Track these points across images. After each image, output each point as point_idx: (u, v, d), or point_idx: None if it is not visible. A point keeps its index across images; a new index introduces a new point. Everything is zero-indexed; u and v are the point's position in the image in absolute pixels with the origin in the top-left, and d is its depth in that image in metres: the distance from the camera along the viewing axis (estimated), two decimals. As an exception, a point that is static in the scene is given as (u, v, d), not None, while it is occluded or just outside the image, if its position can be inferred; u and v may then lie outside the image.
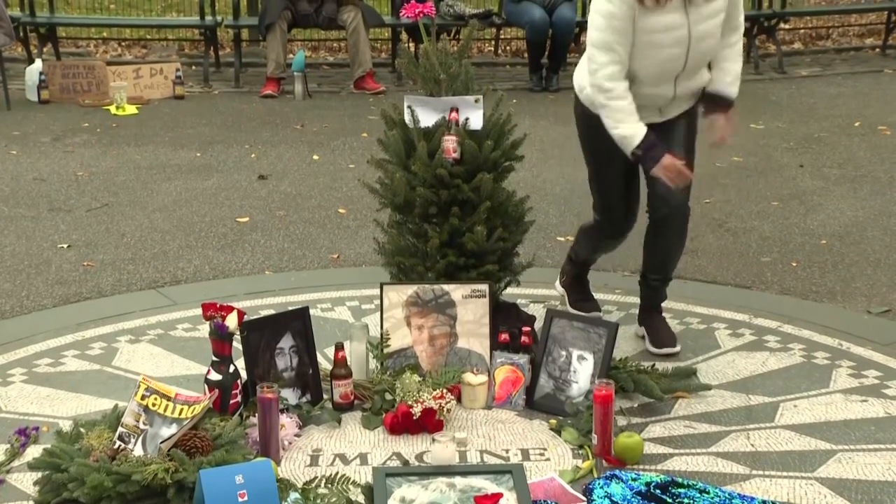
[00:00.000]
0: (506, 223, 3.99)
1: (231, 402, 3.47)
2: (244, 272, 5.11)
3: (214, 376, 3.47)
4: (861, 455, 3.40)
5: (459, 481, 3.13)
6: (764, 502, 3.10)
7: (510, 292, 4.19)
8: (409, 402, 3.51)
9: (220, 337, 3.48)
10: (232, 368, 3.50)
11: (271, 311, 4.14)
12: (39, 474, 3.17)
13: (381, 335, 3.83)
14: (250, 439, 3.33)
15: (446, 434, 3.40)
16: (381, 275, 4.14)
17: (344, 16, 9.13)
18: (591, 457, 3.34)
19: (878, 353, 4.14)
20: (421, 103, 3.93)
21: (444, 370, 3.74)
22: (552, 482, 3.19)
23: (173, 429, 3.18)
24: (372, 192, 4.08)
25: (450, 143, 3.84)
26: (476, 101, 3.90)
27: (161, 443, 3.14)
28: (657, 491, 3.11)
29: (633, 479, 3.17)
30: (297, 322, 3.73)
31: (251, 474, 2.96)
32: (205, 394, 3.39)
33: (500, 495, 3.03)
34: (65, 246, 5.44)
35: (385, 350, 3.80)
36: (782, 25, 10.92)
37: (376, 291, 3.93)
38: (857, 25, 12.33)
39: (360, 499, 3.10)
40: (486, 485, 3.12)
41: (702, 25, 3.78)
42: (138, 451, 3.17)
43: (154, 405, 3.23)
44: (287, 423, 3.45)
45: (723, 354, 4.14)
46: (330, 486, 3.16)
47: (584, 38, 10.05)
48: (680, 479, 3.19)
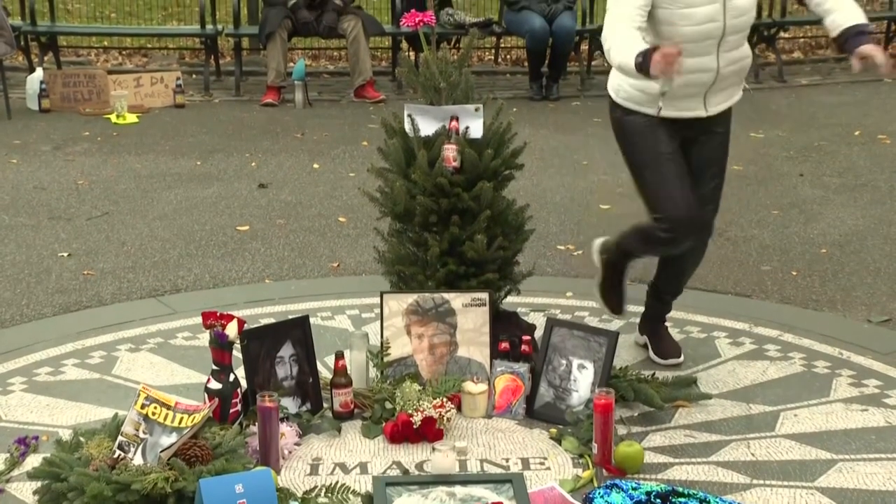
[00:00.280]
0: (506, 232, 3.99)
1: (231, 410, 3.47)
2: (244, 281, 5.11)
3: (214, 385, 3.47)
4: (862, 465, 3.39)
5: (459, 490, 3.13)
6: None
7: (510, 301, 4.19)
8: (409, 411, 3.50)
9: (220, 346, 3.48)
10: (232, 377, 3.50)
11: (271, 320, 4.14)
12: (39, 483, 3.17)
13: (382, 344, 3.82)
14: (250, 448, 3.33)
15: (446, 443, 3.39)
16: (381, 283, 4.13)
17: (344, 24, 9.14)
18: (591, 466, 3.34)
19: (879, 362, 4.14)
20: (421, 112, 3.93)
21: (444, 379, 3.74)
22: (552, 491, 3.19)
23: (173, 438, 3.17)
24: (372, 201, 4.08)
25: (450, 152, 3.84)
26: (476, 109, 3.90)
27: (161, 452, 3.14)
28: (658, 500, 3.11)
29: (634, 489, 3.17)
30: (298, 331, 3.73)
31: (251, 483, 2.96)
32: (205, 403, 3.39)
33: (500, 504, 3.03)
34: (65, 255, 5.44)
35: (385, 359, 3.80)
36: (782, 34, 10.92)
37: (376, 300, 3.92)
38: (857, 35, 12.33)
39: (360, 508, 3.09)
40: (487, 494, 3.12)
41: None
42: (138, 460, 3.17)
43: (154, 414, 3.23)
44: (287, 432, 3.45)
45: (723, 363, 4.14)
46: (330, 495, 3.16)
47: (584, 47, 10.18)
48: (680, 489, 3.19)
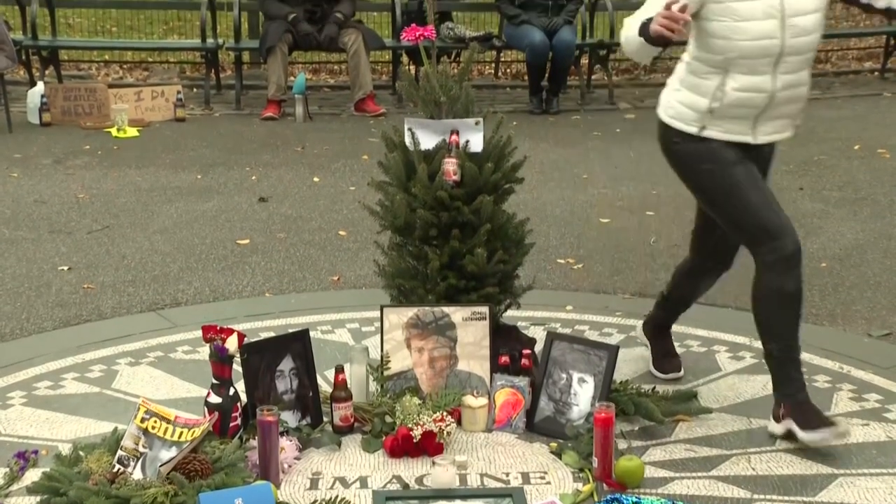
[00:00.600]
0: (506, 246, 3.99)
1: (231, 424, 3.46)
2: (244, 294, 5.11)
3: (214, 399, 3.46)
4: (863, 479, 3.39)
5: (460, 505, 3.12)
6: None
7: (510, 315, 4.18)
8: (410, 425, 3.50)
9: (220, 359, 3.47)
10: (232, 391, 3.49)
11: (271, 334, 4.14)
12: (38, 498, 3.16)
13: (382, 357, 3.82)
14: (250, 462, 3.32)
15: (446, 457, 3.39)
16: (381, 297, 4.13)
17: (345, 38, 9.17)
18: (591, 480, 3.33)
19: (879, 376, 4.13)
20: (421, 126, 3.93)
21: (444, 393, 3.73)
22: (553, 506, 3.18)
23: (173, 452, 3.17)
24: (372, 215, 4.08)
25: (450, 166, 3.84)
26: (476, 123, 3.91)
27: (160, 466, 3.13)
28: (658, 515, 3.10)
29: (634, 503, 3.16)
30: (298, 344, 3.73)
31: (251, 498, 2.96)
32: (204, 417, 3.38)
33: (500, 519, 3.02)
34: (65, 268, 5.44)
35: (385, 372, 3.80)
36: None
37: (376, 314, 3.92)
38: (856, 49, 12.37)
39: (360, 522, 3.09)
40: (487, 508, 3.11)
41: (795, 0, 3.48)
42: (137, 474, 3.16)
43: (154, 428, 3.22)
44: (287, 446, 3.44)
45: (723, 377, 4.14)
46: (330, 509, 3.15)
47: (584, 61, 10.20)
48: (681, 503, 3.18)
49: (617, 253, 5.64)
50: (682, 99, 3.63)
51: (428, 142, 3.92)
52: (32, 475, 3.33)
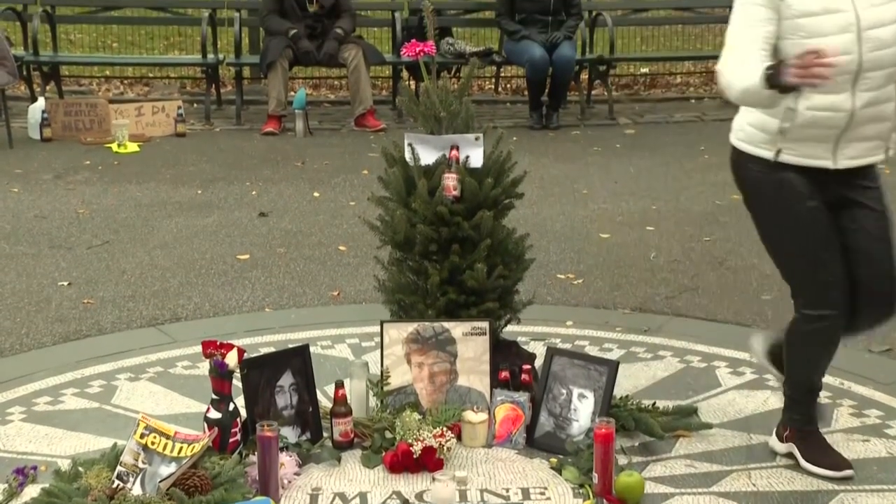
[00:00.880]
0: (506, 261, 3.99)
1: (230, 440, 3.46)
2: (244, 309, 5.11)
3: (214, 414, 3.46)
4: (863, 496, 3.38)
5: (459, 521, 3.12)
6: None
7: (510, 330, 4.18)
8: (409, 441, 3.49)
9: (220, 375, 3.47)
10: (231, 406, 3.49)
11: (271, 349, 4.14)
12: (37, 513, 3.16)
13: (382, 373, 3.82)
14: (249, 478, 3.32)
15: (446, 473, 3.38)
16: (381, 312, 4.13)
17: (345, 54, 9.19)
18: (591, 496, 3.32)
19: (880, 392, 4.13)
20: (421, 141, 3.94)
21: (445, 408, 3.73)
22: (553, 522, 3.18)
23: (172, 468, 3.16)
24: (372, 230, 4.09)
25: (450, 181, 3.85)
26: (476, 138, 3.91)
27: (160, 482, 3.13)
28: (659, 531, 3.09)
29: (635, 519, 3.16)
30: (297, 360, 3.73)
31: (250, 514, 2.95)
32: (204, 432, 3.38)
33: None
34: (65, 283, 5.44)
35: (385, 388, 3.79)
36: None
37: (376, 329, 3.92)
38: None
39: (360, 538, 3.08)
40: (487, 524, 3.10)
41: (871, 11, 3.23)
42: (137, 490, 3.16)
43: (153, 444, 3.22)
44: (286, 462, 3.44)
45: (724, 393, 4.13)
46: (329, 525, 3.15)
47: (584, 76, 10.21)
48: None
49: (617, 268, 5.64)
50: (752, 121, 3.37)
51: (428, 157, 3.92)
52: (31, 491, 3.33)
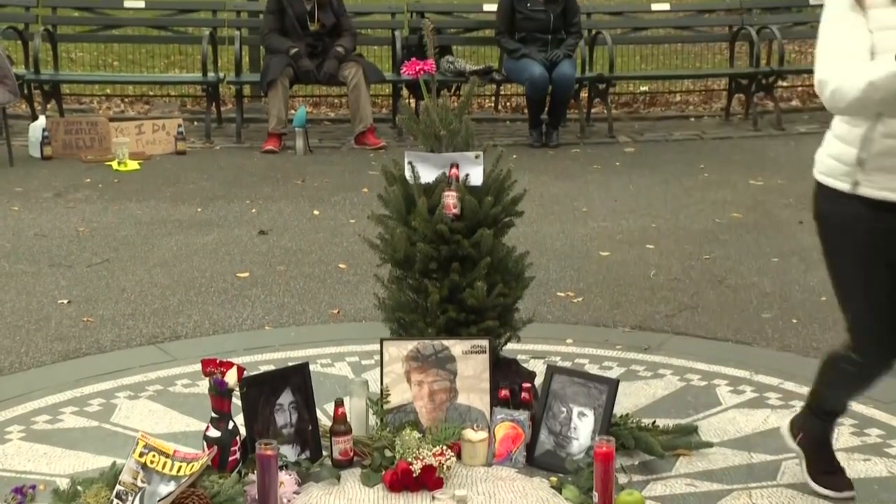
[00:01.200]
0: (506, 279, 3.99)
1: (230, 458, 3.45)
2: (244, 327, 5.10)
3: (213, 433, 3.45)
4: (864, 514, 3.37)
5: (459, 540, 3.11)
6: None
7: (510, 348, 4.18)
8: (409, 459, 3.48)
9: (220, 393, 3.47)
10: (231, 425, 3.48)
11: (271, 367, 4.13)
12: (36, 532, 3.15)
13: (381, 391, 3.81)
14: (249, 497, 3.31)
15: (446, 491, 3.37)
16: (381, 330, 4.13)
17: (345, 72, 9.21)
18: (592, 515, 3.31)
19: (880, 411, 4.12)
20: (421, 159, 3.95)
21: (444, 426, 3.72)
22: (553, 541, 3.17)
23: (171, 486, 3.15)
24: (372, 248, 4.09)
25: (450, 199, 3.85)
26: (476, 157, 3.92)
27: (159, 501, 3.12)
28: (659, 550, 3.08)
29: (635, 538, 3.15)
30: (297, 378, 3.72)
31: (249, 533, 2.94)
32: (203, 451, 3.37)
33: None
34: (65, 301, 5.43)
35: (385, 406, 3.79)
36: (780, 83, 11.00)
37: (376, 347, 3.92)
38: None
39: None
40: (487, 543, 3.09)
41: None
42: (136, 508, 3.15)
43: (152, 462, 3.21)
44: (286, 481, 3.43)
45: (724, 411, 4.12)
46: (329, 544, 3.14)
47: (584, 94, 10.24)
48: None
49: (617, 286, 5.64)
50: (832, 151, 3.19)
51: (428, 175, 3.93)
52: (30, 510, 3.33)
